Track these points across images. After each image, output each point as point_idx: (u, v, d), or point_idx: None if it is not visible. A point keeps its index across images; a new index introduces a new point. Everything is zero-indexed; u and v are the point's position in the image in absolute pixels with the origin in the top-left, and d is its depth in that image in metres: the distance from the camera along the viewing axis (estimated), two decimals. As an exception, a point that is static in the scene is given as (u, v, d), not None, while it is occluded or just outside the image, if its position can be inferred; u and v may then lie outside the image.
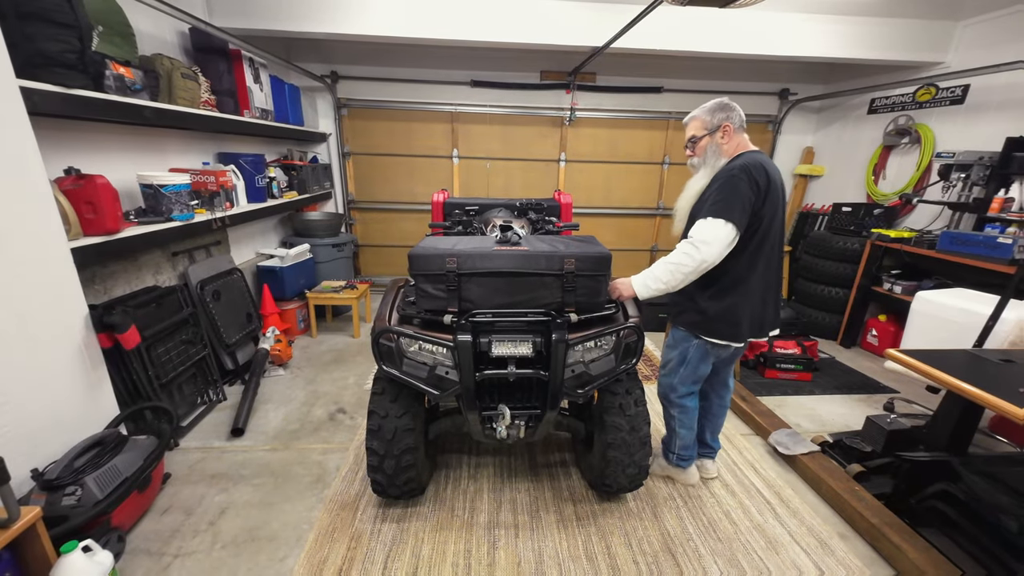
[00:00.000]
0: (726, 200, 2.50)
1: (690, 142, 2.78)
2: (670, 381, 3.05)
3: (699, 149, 2.75)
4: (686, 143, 2.82)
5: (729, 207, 2.49)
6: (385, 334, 2.45)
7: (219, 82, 4.60)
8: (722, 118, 2.67)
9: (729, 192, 2.51)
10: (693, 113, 2.77)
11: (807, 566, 2.67)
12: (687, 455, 3.26)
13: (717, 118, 2.67)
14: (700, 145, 2.74)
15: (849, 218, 6.27)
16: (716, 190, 2.56)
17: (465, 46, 5.86)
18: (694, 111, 2.78)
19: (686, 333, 2.88)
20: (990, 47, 5.28)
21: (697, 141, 2.74)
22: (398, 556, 2.66)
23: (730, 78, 7.33)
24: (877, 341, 5.71)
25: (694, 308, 2.79)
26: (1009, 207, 4.71)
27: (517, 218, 4.00)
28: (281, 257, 5.56)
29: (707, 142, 2.72)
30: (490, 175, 7.70)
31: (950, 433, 2.88)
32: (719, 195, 2.53)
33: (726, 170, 2.60)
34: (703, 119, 2.71)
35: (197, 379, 4.10)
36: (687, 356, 2.92)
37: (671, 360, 3.02)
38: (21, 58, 2.52)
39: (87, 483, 2.48)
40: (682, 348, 2.93)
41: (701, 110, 2.74)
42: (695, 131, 2.74)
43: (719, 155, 2.71)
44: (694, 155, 2.79)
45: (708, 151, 2.73)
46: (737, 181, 2.50)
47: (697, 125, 2.74)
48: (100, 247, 3.06)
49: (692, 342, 2.86)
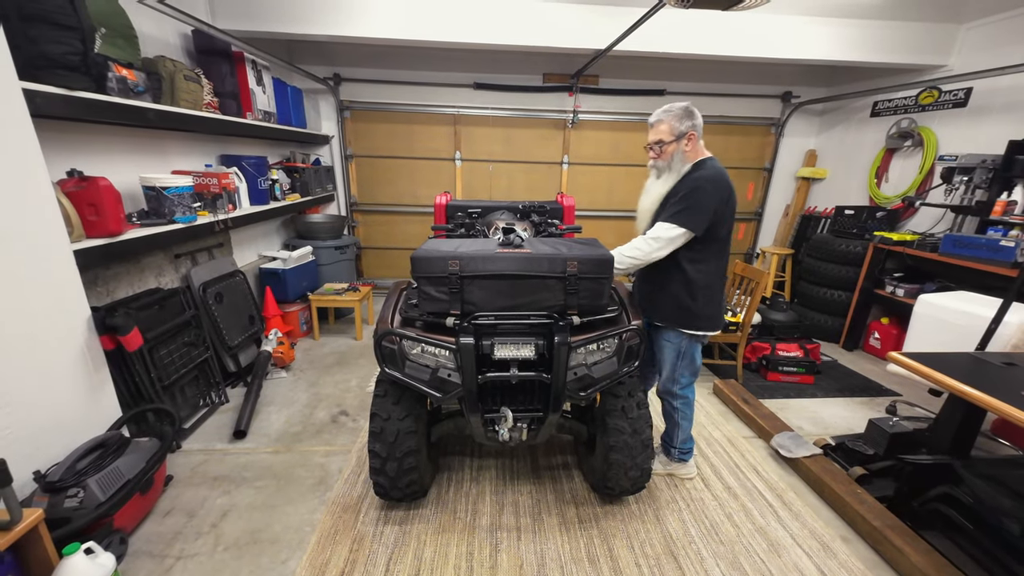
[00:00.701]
0: (690, 209, 2.71)
1: (656, 145, 2.85)
2: (671, 375, 3.13)
3: (665, 154, 2.84)
4: (651, 145, 2.88)
5: (691, 217, 2.71)
6: (387, 336, 2.45)
7: (222, 84, 4.61)
8: (689, 126, 2.77)
9: (694, 202, 2.70)
10: (659, 116, 2.83)
11: (809, 569, 2.66)
12: (688, 448, 3.37)
13: (685, 125, 2.77)
14: (667, 151, 2.83)
15: (851, 221, 6.25)
16: (682, 197, 2.74)
17: (468, 48, 5.87)
18: (660, 114, 2.83)
19: (677, 331, 3.01)
20: (993, 50, 5.27)
21: (664, 146, 2.82)
22: (400, 559, 2.66)
23: (733, 81, 7.33)
24: (879, 344, 5.70)
25: (683, 308, 2.93)
26: (1012, 210, 4.69)
27: (520, 221, 3.99)
28: (283, 259, 5.56)
29: (673, 148, 2.81)
30: (493, 177, 7.70)
31: (952, 436, 2.88)
32: (684, 203, 2.72)
33: (692, 179, 2.76)
34: (671, 124, 2.78)
35: (199, 381, 4.10)
36: (681, 350, 3.05)
37: (667, 357, 3.11)
38: (24, 60, 2.52)
39: (89, 485, 2.48)
40: (676, 344, 3.05)
41: (668, 115, 2.79)
42: (663, 136, 2.81)
43: (683, 161, 2.83)
44: (659, 158, 2.88)
45: (674, 157, 2.83)
46: (702, 193, 2.69)
47: (665, 130, 2.80)
48: (102, 249, 3.06)
49: (683, 337, 3.01)
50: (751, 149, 7.89)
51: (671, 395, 3.21)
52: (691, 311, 2.91)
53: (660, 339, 3.10)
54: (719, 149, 7.69)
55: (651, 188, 2.97)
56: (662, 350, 3.11)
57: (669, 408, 3.27)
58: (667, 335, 3.06)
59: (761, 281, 4.47)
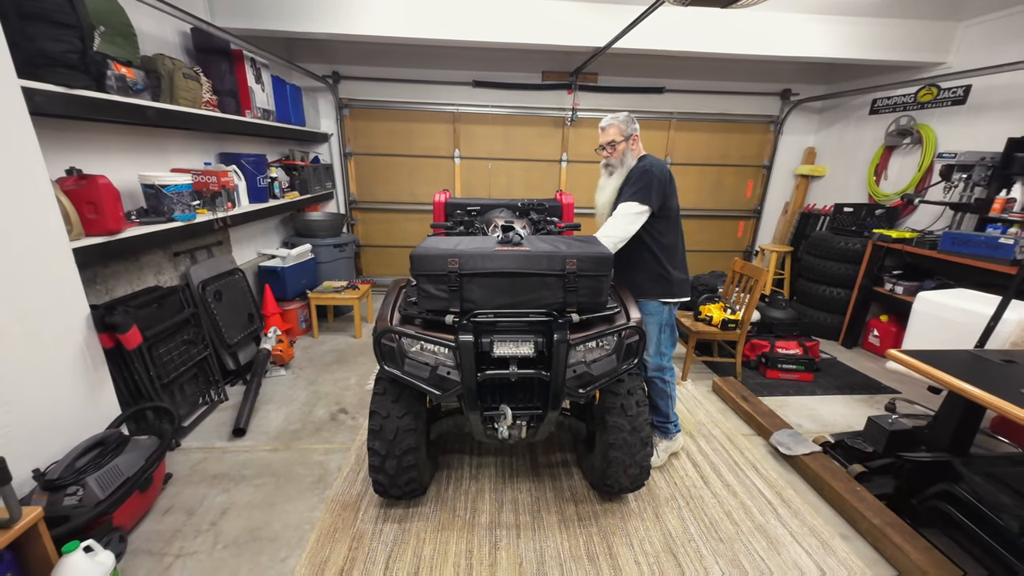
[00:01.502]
0: (644, 190, 3.07)
1: (610, 145, 3.23)
2: (659, 348, 3.37)
3: (617, 152, 3.23)
4: (604, 145, 3.26)
5: (647, 196, 3.06)
6: (387, 334, 2.45)
7: (221, 82, 4.60)
8: (633, 128, 3.21)
9: (645, 184, 3.07)
10: (609, 121, 3.23)
11: (809, 566, 2.67)
12: (676, 417, 3.62)
13: (630, 128, 3.20)
14: (619, 149, 3.22)
15: (851, 218, 6.26)
16: (635, 182, 3.12)
17: (467, 46, 5.87)
18: (609, 120, 3.23)
19: (656, 303, 3.29)
20: (992, 47, 5.27)
21: (616, 145, 3.21)
22: (400, 556, 2.66)
23: (732, 78, 7.33)
24: (879, 341, 5.70)
25: (661, 278, 3.24)
26: (1011, 208, 4.70)
27: (519, 218, 3.99)
28: (283, 257, 5.56)
29: (623, 147, 3.22)
30: (492, 175, 7.70)
31: (952, 434, 2.89)
32: (637, 185, 3.09)
33: (639, 168, 3.16)
34: (620, 127, 3.19)
35: (199, 379, 4.10)
36: (663, 321, 3.33)
37: (651, 332, 3.32)
38: (23, 58, 2.52)
39: (88, 483, 2.48)
40: (657, 316, 3.31)
41: (616, 119, 3.21)
42: (614, 136, 3.20)
43: (630, 157, 3.25)
44: (612, 156, 3.26)
45: (625, 154, 3.24)
46: (650, 176, 3.08)
47: (616, 132, 3.20)
48: (102, 247, 3.06)
49: (663, 308, 3.30)
50: (750, 146, 7.89)
51: (661, 370, 3.42)
52: (666, 278, 3.23)
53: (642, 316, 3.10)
54: (718, 147, 7.79)
55: (606, 185, 3.35)
56: (646, 326, 3.13)
57: (661, 384, 3.44)
58: (649, 308, 3.26)
59: (760, 279, 4.47)
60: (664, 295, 3.26)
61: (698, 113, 7.55)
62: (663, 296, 3.26)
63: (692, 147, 7.70)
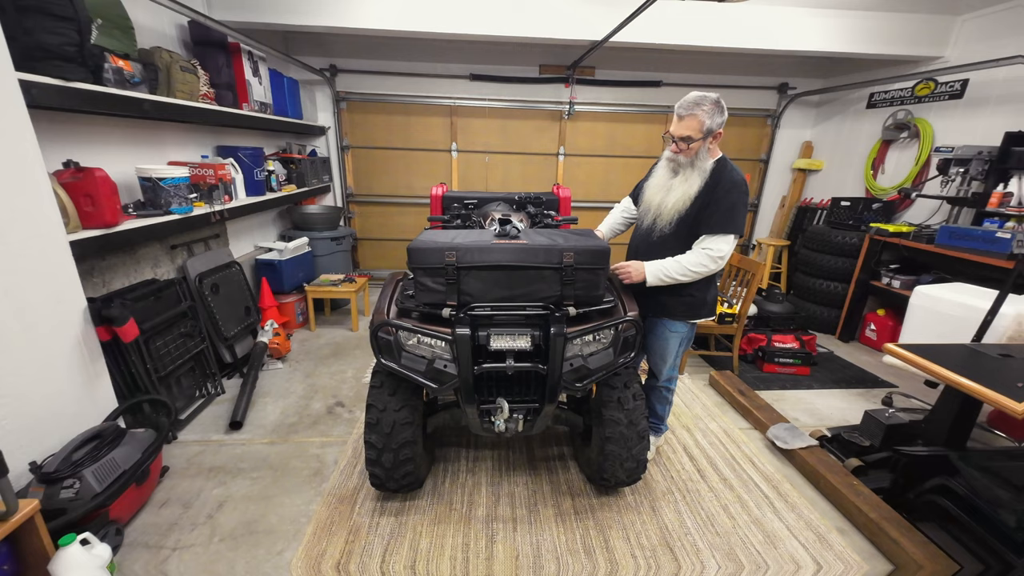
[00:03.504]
0: (738, 217, 2.71)
1: (683, 140, 2.67)
2: (674, 362, 3.21)
3: (691, 151, 2.69)
4: (676, 139, 2.69)
5: (740, 223, 2.72)
6: (384, 327, 2.45)
7: (218, 75, 4.58)
8: (719, 123, 2.64)
9: (741, 208, 2.71)
10: (691, 108, 2.62)
11: (805, 560, 2.68)
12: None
13: (716, 122, 2.62)
14: (694, 147, 2.68)
15: (848, 212, 6.27)
16: (730, 205, 2.69)
17: (464, 40, 5.86)
18: (691, 107, 2.62)
19: (683, 322, 3.06)
20: (989, 42, 5.27)
21: (691, 142, 2.66)
22: (396, 549, 2.67)
23: (729, 72, 7.31)
24: (875, 335, 5.71)
25: (695, 300, 2.97)
26: (1008, 202, 4.71)
27: (516, 212, 3.97)
28: (280, 250, 5.55)
29: (699, 145, 2.67)
30: (489, 169, 7.68)
31: (948, 428, 2.89)
32: (732, 212, 2.69)
33: (730, 183, 2.69)
34: (703, 121, 2.60)
35: (195, 372, 4.10)
36: (682, 339, 3.12)
37: (671, 348, 3.13)
38: (20, 51, 2.51)
39: (85, 476, 2.48)
40: (681, 334, 3.09)
41: (701, 110, 2.60)
42: (692, 132, 2.63)
43: (706, 159, 2.74)
44: (682, 154, 2.72)
45: (699, 154, 2.71)
46: (743, 196, 2.71)
47: (696, 126, 2.61)
48: (99, 240, 3.05)
49: (686, 327, 3.09)
50: (747, 140, 7.88)
51: (670, 380, 3.29)
52: (702, 302, 2.99)
53: (665, 331, 3.08)
54: (717, 142, 7.74)
55: (673, 185, 2.81)
56: (667, 341, 3.10)
57: (664, 393, 3.36)
58: (674, 327, 3.06)
59: (757, 272, 4.47)
60: (694, 317, 3.03)
61: (696, 107, 7.50)
62: (693, 318, 3.03)
63: (690, 141, 7.65)
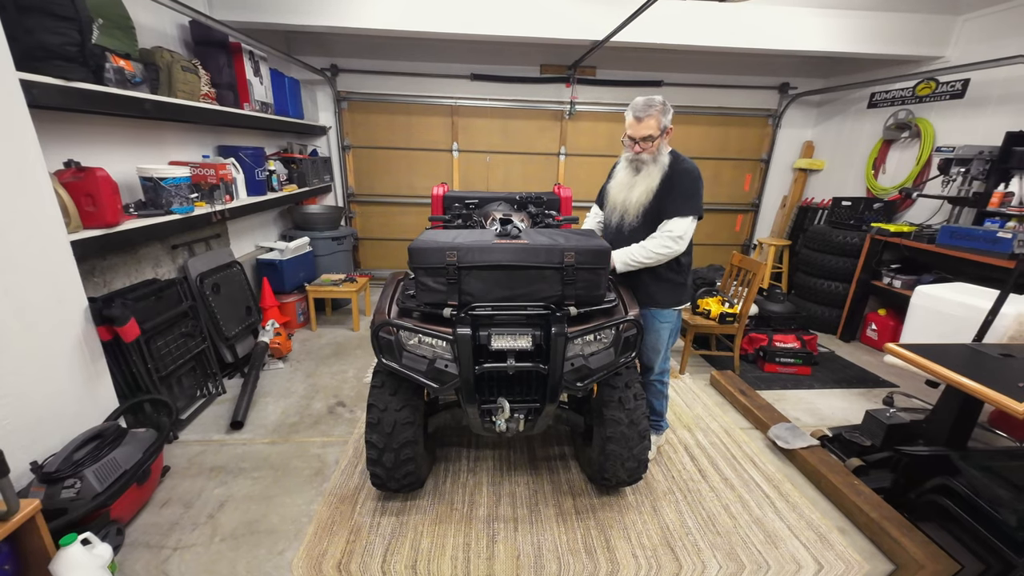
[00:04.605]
0: (695, 199, 2.89)
1: (645, 140, 2.86)
2: (665, 353, 3.28)
3: (652, 148, 2.89)
4: (638, 139, 2.87)
5: (698, 205, 2.90)
6: (384, 327, 2.45)
7: (219, 75, 4.58)
8: (669, 119, 2.88)
9: (696, 192, 2.89)
10: (647, 110, 2.81)
11: (806, 560, 2.68)
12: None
13: (667, 119, 2.86)
14: (655, 144, 2.88)
15: (849, 212, 6.26)
16: (685, 191, 2.88)
17: (465, 39, 5.85)
18: (646, 108, 2.82)
19: (671, 310, 3.15)
20: (990, 41, 5.26)
21: (653, 140, 2.86)
22: (397, 549, 2.67)
23: (730, 72, 7.31)
24: (876, 335, 5.71)
25: (676, 286, 3.11)
26: (1009, 201, 4.70)
27: (517, 212, 3.98)
28: (281, 250, 5.55)
29: (659, 142, 2.89)
30: (490, 169, 7.69)
31: (949, 428, 2.89)
32: (689, 195, 2.88)
33: (683, 171, 2.91)
34: (659, 119, 2.82)
35: (196, 372, 4.10)
36: (672, 329, 3.21)
37: (662, 338, 3.20)
38: (21, 51, 2.51)
39: (86, 476, 2.48)
40: (670, 323, 3.18)
41: (655, 110, 2.81)
42: (652, 131, 2.83)
43: (663, 153, 2.94)
44: (643, 151, 2.90)
45: (660, 150, 2.92)
46: (697, 182, 2.90)
47: (654, 125, 2.82)
48: (100, 240, 3.05)
49: (674, 315, 3.18)
50: (748, 140, 7.88)
51: (663, 372, 3.36)
52: (682, 286, 3.13)
53: (655, 323, 3.15)
54: (717, 140, 7.78)
55: (634, 182, 2.99)
56: (658, 333, 3.16)
57: (659, 387, 3.39)
58: (662, 315, 3.14)
59: (758, 272, 4.47)
60: (678, 302, 3.14)
61: (696, 107, 7.53)
62: (677, 304, 3.14)
63: (690, 141, 7.65)
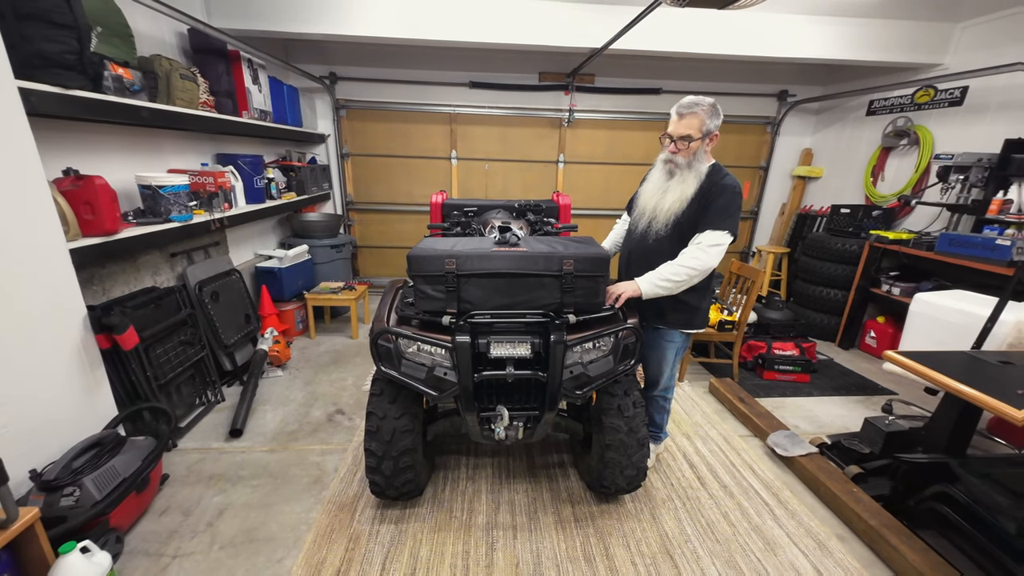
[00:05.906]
0: (733, 216, 2.67)
1: (683, 140, 2.67)
2: (671, 372, 3.19)
3: (690, 151, 2.69)
4: (676, 138, 2.69)
5: (735, 222, 2.67)
6: (383, 335, 2.45)
7: (218, 83, 4.59)
8: (716, 124, 2.67)
9: (736, 209, 2.67)
10: (691, 108, 2.64)
11: (805, 568, 2.67)
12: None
13: (714, 123, 2.65)
14: (692, 147, 2.68)
15: (847, 219, 6.27)
16: (724, 207, 2.65)
17: (464, 47, 5.87)
18: (691, 106, 2.64)
19: (679, 332, 3.03)
20: (989, 49, 5.29)
21: (692, 142, 2.66)
22: (396, 557, 2.66)
23: (729, 79, 7.33)
24: (875, 343, 5.71)
25: (691, 309, 2.94)
26: (1007, 209, 4.71)
27: (516, 219, 3.99)
28: (279, 258, 5.56)
29: (698, 146, 2.68)
30: (489, 176, 7.69)
31: (948, 435, 2.89)
32: (728, 211, 2.66)
33: (725, 186, 2.67)
34: (703, 120, 2.62)
35: (195, 380, 4.09)
36: (678, 349, 3.10)
37: (667, 358, 3.11)
38: (20, 59, 2.52)
39: (85, 484, 2.47)
40: (678, 343, 3.07)
41: (700, 109, 2.63)
42: (692, 131, 2.64)
43: (702, 160, 2.74)
44: (681, 154, 2.71)
45: (697, 155, 2.71)
46: (738, 198, 2.67)
47: (696, 125, 2.63)
48: (98, 248, 3.05)
49: (682, 337, 3.05)
50: (747, 148, 7.90)
51: (667, 389, 3.29)
52: (698, 310, 2.96)
53: (662, 342, 3.07)
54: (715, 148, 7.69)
55: (668, 188, 2.78)
56: (664, 351, 3.09)
57: (662, 402, 3.35)
58: (670, 336, 3.03)
59: (757, 280, 4.47)
60: (687, 326, 2.99)
61: (695, 114, 7.51)
62: (686, 327, 3.00)
63: (689, 148, 7.64)
